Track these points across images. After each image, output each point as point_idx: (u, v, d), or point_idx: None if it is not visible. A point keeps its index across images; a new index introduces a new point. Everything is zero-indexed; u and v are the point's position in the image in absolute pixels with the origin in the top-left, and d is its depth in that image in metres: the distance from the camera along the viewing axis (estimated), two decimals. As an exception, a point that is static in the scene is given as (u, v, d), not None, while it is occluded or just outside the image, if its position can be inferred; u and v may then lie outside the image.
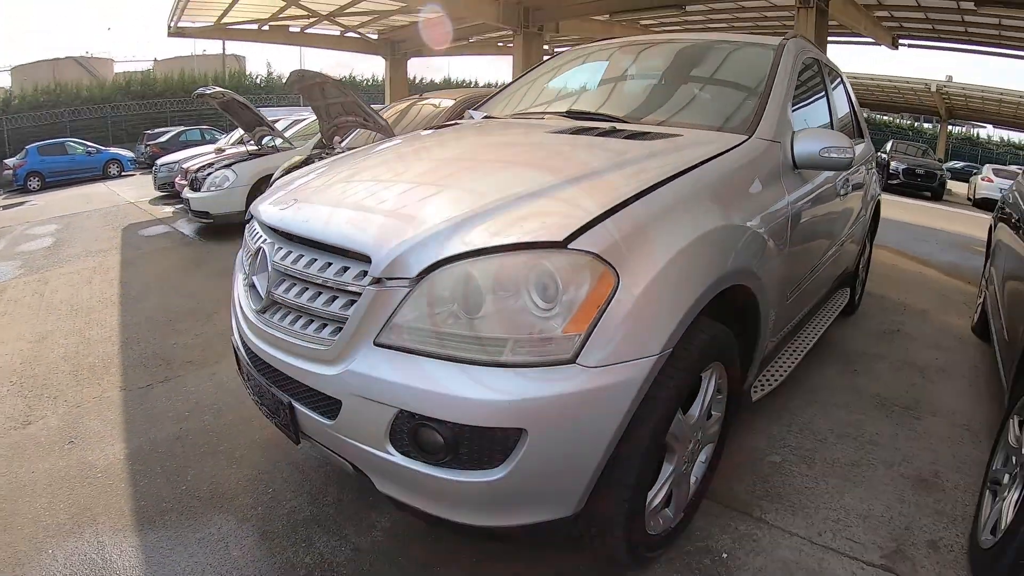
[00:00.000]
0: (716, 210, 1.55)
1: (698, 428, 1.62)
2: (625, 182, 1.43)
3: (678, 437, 1.50)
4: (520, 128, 2.26)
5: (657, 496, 1.51)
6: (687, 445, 1.58)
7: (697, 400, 1.58)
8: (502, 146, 1.97)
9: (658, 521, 1.57)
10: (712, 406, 1.68)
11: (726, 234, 1.55)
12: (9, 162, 14.80)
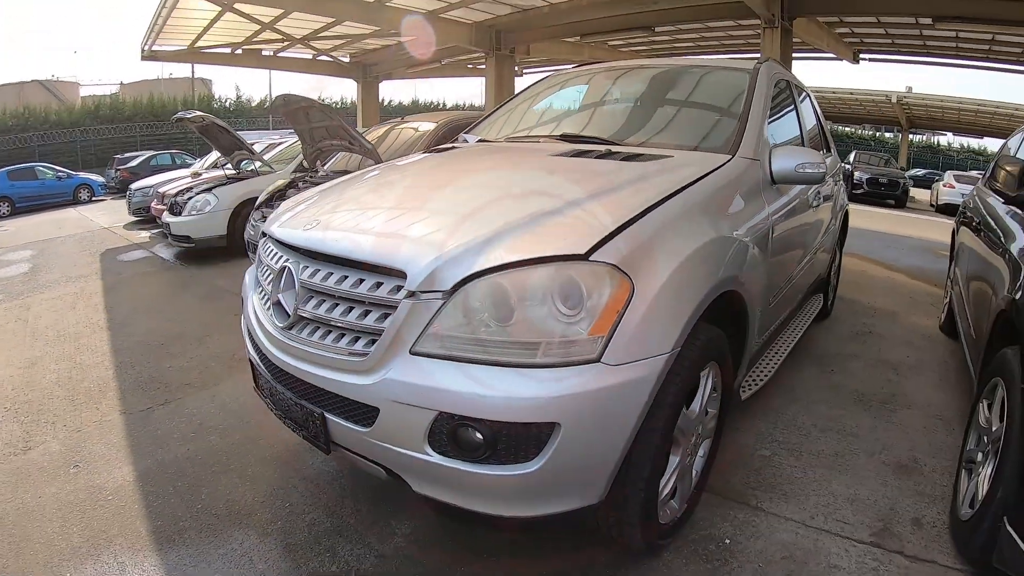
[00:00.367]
0: (709, 224, 1.71)
1: (698, 423, 1.75)
2: (631, 200, 1.57)
3: (683, 431, 1.63)
4: (522, 151, 2.40)
5: (666, 487, 1.63)
6: (690, 439, 1.70)
7: (697, 397, 1.71)
8: (512, 167, 2.10)
9: (666, 511, 1.68)
10: (709, 403, 1.81)
11: (718, 245, 1.70)
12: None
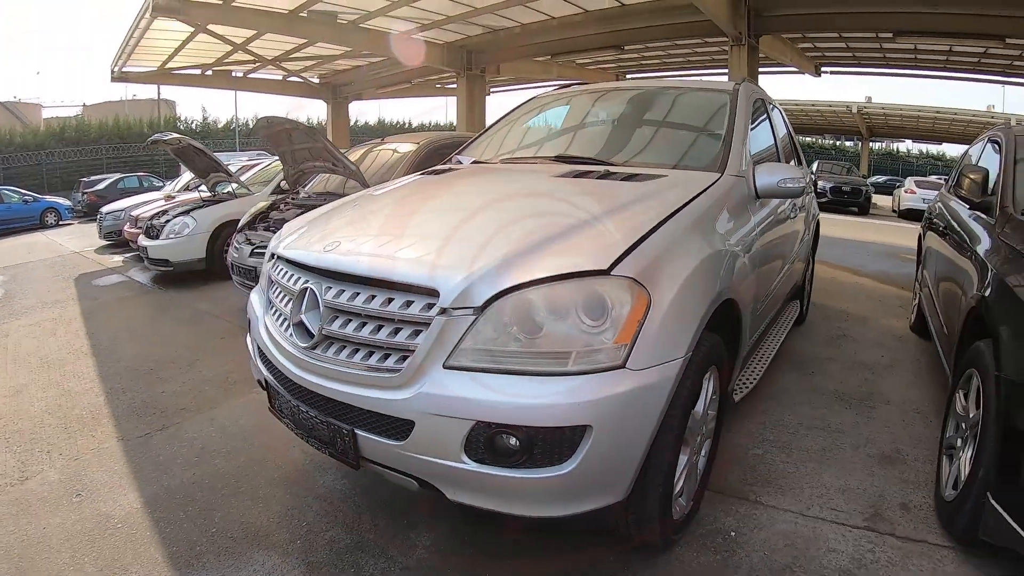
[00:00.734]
0: (708, 238, 1.85)
1: (702, 423, 1.86)
2: (639, 217, 1.69)
3: (691, 430, 1.74)
4: (525, 172, 2.50)
5: (677, 484, 1.73)
6: (696, 438, 1.82)
7: (701, 398, 1.81)
8: (520, 188, 2.19)
9: (676, 508, 1.78)
10: (710, 405, 1.93)
11: (718, 258, 1.84)
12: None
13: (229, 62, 13.53)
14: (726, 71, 13.68)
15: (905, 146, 38.79)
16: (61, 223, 14.89)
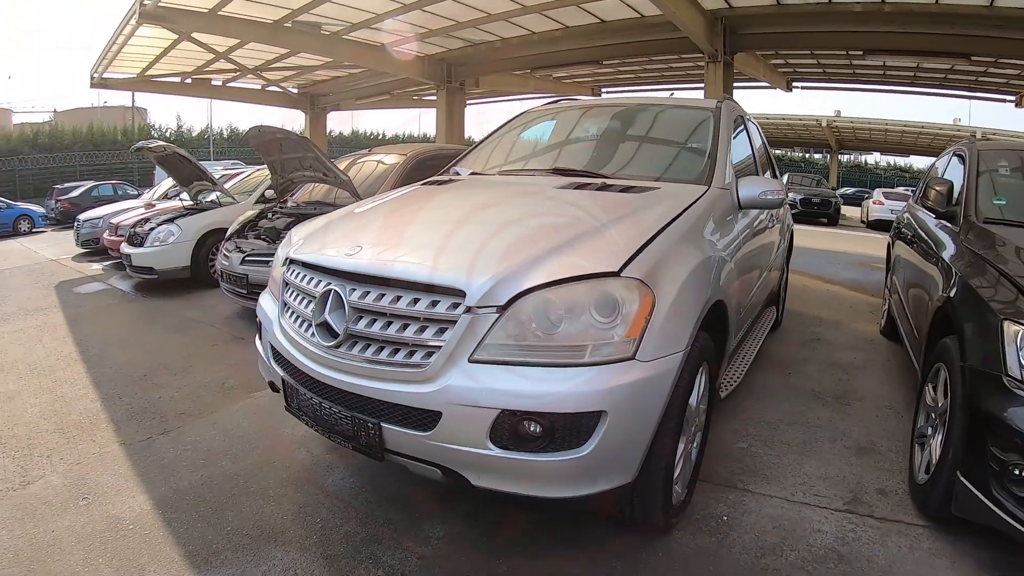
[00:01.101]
0: (701, 245, 2.02)
1: (695, 415, 2.01)
2: (640, 226, 1.85)
3: (688, 420, 1.89)
4: (527, 184, 2.62)
5: (676, 469, 1.87)
6: (691, 428, 1.97)
7: (694, 391, 1.96)
8: (528, 198, 2.32)
9: (674, 494, 1.92)
10: (701, 399, 2.08)
11: (709, 263, 2.01)
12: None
13: (209, 70, 13.44)
14: (700, 86, 14.09)
15: (873, 158, 39.61)
16: (35, 230, 14.51)
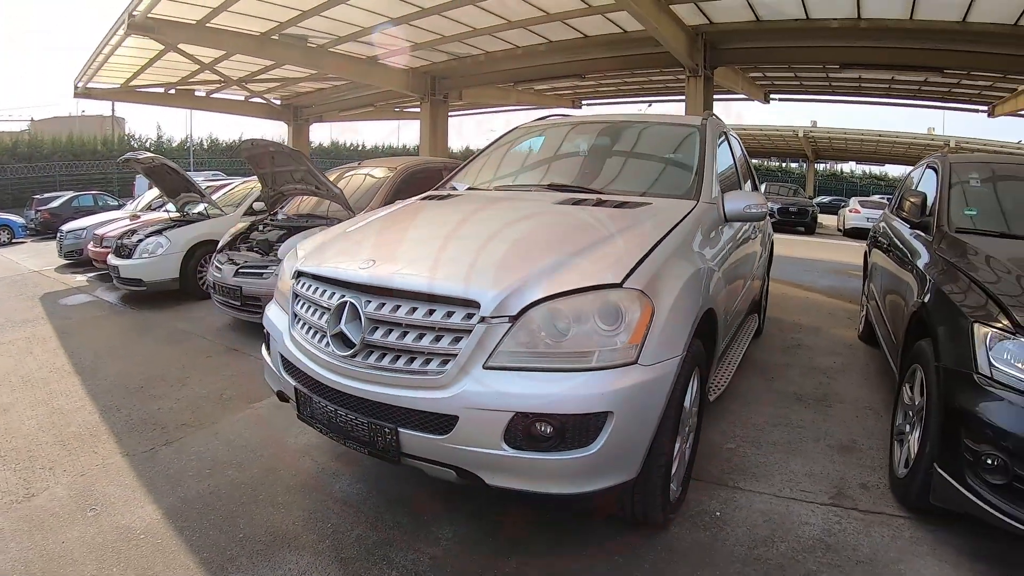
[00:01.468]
0: (692, 257, 2.15)
1: (689, 417, 2.14)
2: (637, 240, 1.98)
3: (683, 421, 2.02)
4: (526, 199, 2.72)
5: (673, 467, 1.98)
6: (686, 428, 2.10)
7: (688, 394, 2.08)
8: (530, 213, 2.42)
9: (671, 491, 2.03)
10: (694, 402, 2.20)
11: (701, 274, 2.14)
12: None
13: (193, 81, 13.40)
14: (679, 98, 14.50)
15: (849, 167, 40.35)
16: (14, 241, 14.20)
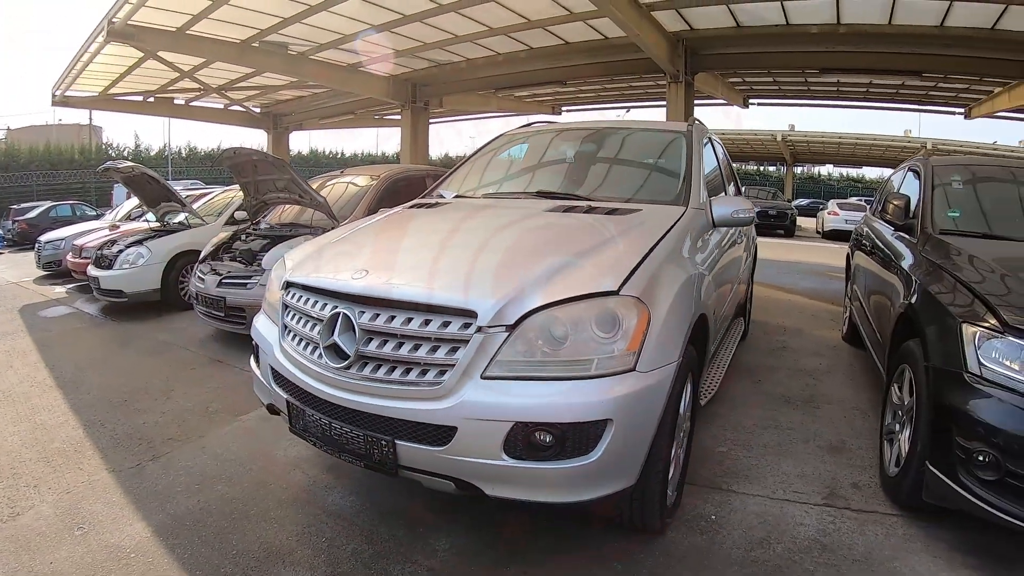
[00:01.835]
0: (684, 263, 2.17)
1: (683, 421, 2.16)
2: (631, 247, 1.99)
3: (678, 426, 2.03)
4: (517, 207, 2.71)
5: (670, 472, 2.00)
6: (681, 433, 2.11)
7: (682, 399, 2.10)
8: (522, 221, 2.41)
9: (667, 496, 2.04)
10: (687, 406, 2.22)
11: (693, 280, 2.15)
12: None
13: (173, 89, 13.25)
14: (658, 104, 14.64)
15: (826, 170, 41.07)
16: (-8, 252, 13.88)
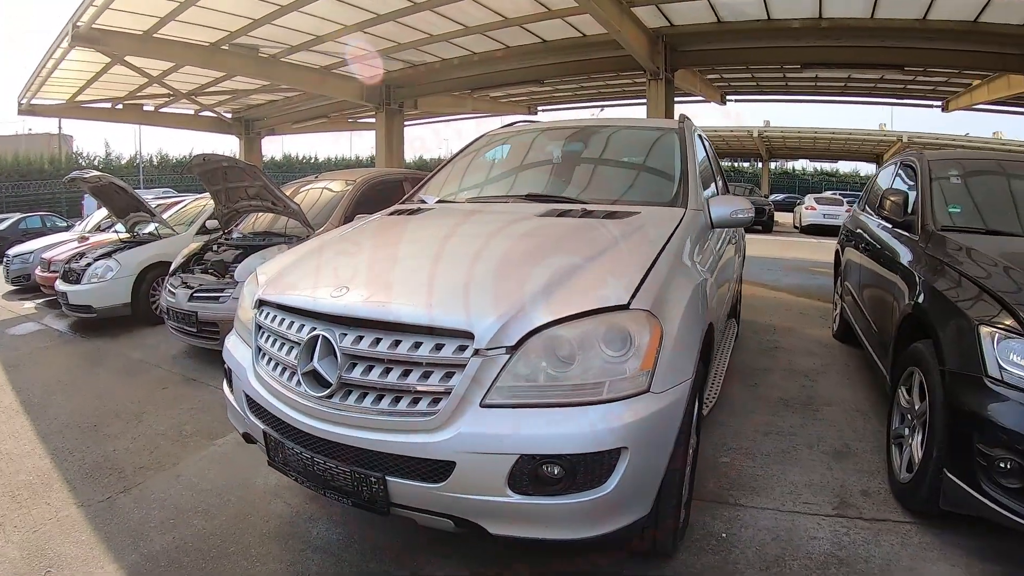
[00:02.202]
0: (690, 271, 2.02)
1: (692, 436, 2.03)
2: (636, 254, 1.85)
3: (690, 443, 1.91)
4: (507, 211, 2.54)
5: (684, 495, 1.88)
6: (690, 449, 1.98)
7: (693, 414, 2.00)
8: (515, 228, 2.24)
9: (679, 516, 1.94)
10: (696, 420, 2.11)
11: (700, 287, 2.01)
12: None
13: (142, 95, 12.85)
14: (636, 102, 14.64)
15: (801, 164, 41.31)
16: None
